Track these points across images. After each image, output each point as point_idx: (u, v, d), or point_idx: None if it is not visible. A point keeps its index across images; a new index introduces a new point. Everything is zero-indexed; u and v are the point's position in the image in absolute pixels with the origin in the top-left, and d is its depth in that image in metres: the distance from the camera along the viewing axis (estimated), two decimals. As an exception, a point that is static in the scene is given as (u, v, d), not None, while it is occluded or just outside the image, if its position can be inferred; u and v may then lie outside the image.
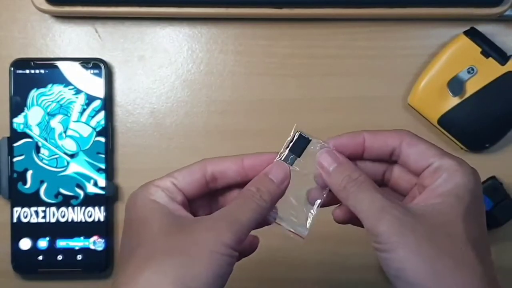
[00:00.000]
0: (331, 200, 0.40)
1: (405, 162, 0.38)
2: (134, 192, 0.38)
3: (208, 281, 0.33)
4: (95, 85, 0.57)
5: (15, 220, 0.56)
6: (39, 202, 0.56)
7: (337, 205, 0.40)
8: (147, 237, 0.35)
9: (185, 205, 0.37)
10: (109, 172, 0.57)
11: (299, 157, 0.39)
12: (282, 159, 0.39)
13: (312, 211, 0.39)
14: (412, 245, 0.33)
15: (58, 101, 0.56)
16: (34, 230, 0.56)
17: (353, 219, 0.40)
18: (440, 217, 0.34)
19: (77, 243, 0.56)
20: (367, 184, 0.36)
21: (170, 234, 0.35)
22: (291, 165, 0.39)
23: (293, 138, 0.39)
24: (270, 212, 0.38)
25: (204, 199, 0.40)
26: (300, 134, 0.39)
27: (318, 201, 0.39)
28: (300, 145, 0.39)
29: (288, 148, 0.39)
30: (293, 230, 0.39)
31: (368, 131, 0.39)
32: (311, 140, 0.39)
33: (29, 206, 0.56)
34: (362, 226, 0.40)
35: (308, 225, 0.39)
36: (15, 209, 0.56)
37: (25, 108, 0.56)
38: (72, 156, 0.56)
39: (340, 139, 0.39)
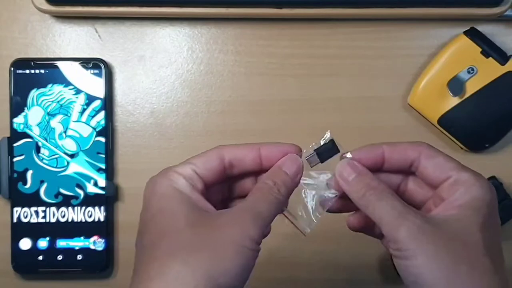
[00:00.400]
0: (340, 207, 0.41)
1: (422, 174, 0.39)
2: (153, 178, 0.37)
3: (236, 275, 0.33)
4: (95, 85, 0.57)
5: (15, 220, 0.56)
6: (39, 202, 0.56)
7: (350, 213, 0.41)
8: (171, 229, 0.35)
9: (203, 193, 0.37)
10: (109, 172, 0.57)
11: (321, 163, 0.40)
12: (306, 158, 0.40)
13: (318, 213, 0.40)
14: (431, 252, 0.34)
15: (58, 101, 0.56)
16: (34, 230, 0.56)
17: (366, 228, 0.41)
18: (458, 227, 0.35)
19: (77, 243, 0.56)
20: (386, 192, 0.37)
21: (195, 227, 0.34)
22: (311, 166, 0.40)
23: (324, 143, 0.40)
24: None
25: (217, 186, 0.39)
26: (332, 140, 0.40)
27: (327, 206, 0.40)
28: (328, 152, 0.40)
29: (316, 151, 0.40)
30: (297, 226, 0.40)
31: (387, 143, 0.39)
32: (339, 151, 0.40)
33: (29, 206, 0.56)
34: (374, 236, 0.41)
35: (312, 225, 0.40)
36: (15, 209, 0.56)
37: (25, 108, 0.56)
38: (72, 156, 0.56)
39: (360, 151, 0.39)
